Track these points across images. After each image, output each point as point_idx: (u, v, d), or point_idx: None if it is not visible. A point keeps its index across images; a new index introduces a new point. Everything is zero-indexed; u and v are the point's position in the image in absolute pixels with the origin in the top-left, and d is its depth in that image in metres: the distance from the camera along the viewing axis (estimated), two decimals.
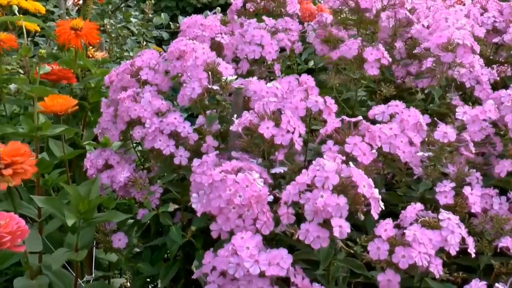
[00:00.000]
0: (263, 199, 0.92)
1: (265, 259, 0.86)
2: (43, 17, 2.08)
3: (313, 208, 0.85)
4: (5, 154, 1.10)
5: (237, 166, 0.97)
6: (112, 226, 1.21)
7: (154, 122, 1.10)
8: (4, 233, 0.86)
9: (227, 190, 0.90)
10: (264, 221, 0.91)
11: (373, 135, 0.99)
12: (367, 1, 1.27)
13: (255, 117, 1.01)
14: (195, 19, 1.37)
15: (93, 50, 1.68)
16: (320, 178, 0.86)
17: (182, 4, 4.47)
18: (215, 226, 0.93)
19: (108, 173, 1.19)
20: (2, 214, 0.90)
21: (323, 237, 0.85)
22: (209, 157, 1.03)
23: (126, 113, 1.14)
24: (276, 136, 0.98)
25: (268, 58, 1.26)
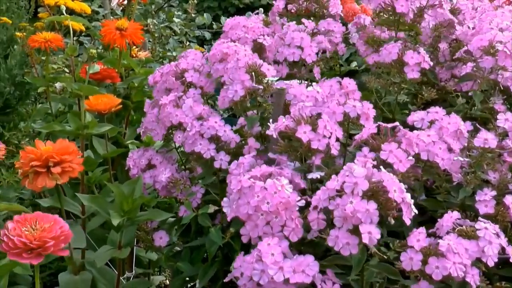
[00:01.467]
0: (292, 206, 0.91)
1: (290, 266, 0.85)
2: (88, 17, 2.11)
3: (342, 214, 0.84)
4: (55, 152, 1.12)
5: (267, 171, 0.96)
6: (153, 225, 1.22)
7: (194, 126, 1.11)
8: (48, 238, 0.85)
9: (255, 197, 0.90)
10: (292, 228, 0.91)
11: (410, 141, 0.97)
12: (403, 5, 1.25)
13: (291, 121, 1.00)
14: (238, 21, 1.37)
15: (137, 50, 1.71)
16: (349, 183, 0.84)
17: (224, 4, 4.49)
18: (244, 231, 0.93)
19: (150, 172, 1.20)
20: (47, 216, 0.89)
21: (352, 243, 0.84)
22: (246, 159, 1.03)
23: (167, 118, 1.15)
24: (313, 141, 0.97)
25: (308, 60, 1.26)
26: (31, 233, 0.85)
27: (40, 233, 0.85)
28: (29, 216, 0.88)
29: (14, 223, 0.86)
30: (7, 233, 0.85)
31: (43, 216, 0.89)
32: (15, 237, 0.84)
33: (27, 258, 0.84)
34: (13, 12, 2.02)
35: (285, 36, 1.27)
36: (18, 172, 1.18)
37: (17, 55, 1.82)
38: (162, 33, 2.20)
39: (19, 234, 0.85)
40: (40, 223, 0.87)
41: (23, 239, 0.84)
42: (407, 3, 1.25)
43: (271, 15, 1.46)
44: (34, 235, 0.85)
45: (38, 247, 0.85)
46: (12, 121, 1.86)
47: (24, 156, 1.14)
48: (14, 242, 0.84)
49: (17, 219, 0.87)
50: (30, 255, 0.85)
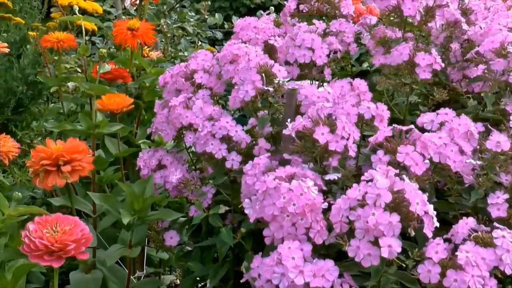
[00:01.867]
0: (317, 208, 0.90)
1: (310, 271, 0.85)
2: (100, 17, 2.12)
3: (364, 226, 0.83)
4: (65, 151, 1.13)
5: (291, 172, 0.96)
6: (164, 224, 1.22)
7: (206, 126, 1.11)
8: (70, 241, 0.85)
9: (281, 198, 0.89)
10: (317, 230, 0.90)
11: (425, 144, 0.96)
12: (411, 8, 1.24)
13: (308, 121, 1.00)
14: (249, 22, 1.37)
15: (148, 50, 1.71)
16: (372, 195, 0.83)
17: (235, 4, 4.50)
18: (268, 232, 0.92)
19: (161, 173, 1.20)
20: (67, 218, 0.89)
21: (374, 254, 0.83)
22: (261, 160, 1.03)
23: (177, 120, 1.15)
24: (331, 142, 0.96)
25: (318, 62, 1.25)
26: (52, 235, 0.85)
27: (61, 236, 0.85)
28: (50, 218, 0.87)
29: (35, 224, 0.86)
30: (28, 235, 0.85)
31: (63, 218, 0.88)
32: (36, 239, 0.84)
33: (48, 260, 0.84)
34: (26, 12, 2.03)
35: (296, 37, 1.27)
36: (30, 171, 1.19)
37: (30, 55, 1.84)
38: (174, 33, 2.21)
39: (40, 236, 0.84)
40: (60, 225, 0.87)
41: (44, 242, 0.84)
42: (414, 5, 1.24)
43: (283, 15, 1.46)
44: (55, 237, 0.85)
45: (59, 250, 0.84)
46: (24, 120, 1.88)
47: (34, 155, 1.15)
48: (36, 244, 0.84)
49: (38, 220, 0.87)
50: (51, 257, 0.84)
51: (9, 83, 1.79)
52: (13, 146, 1.22)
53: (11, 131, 1.81)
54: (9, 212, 0.90)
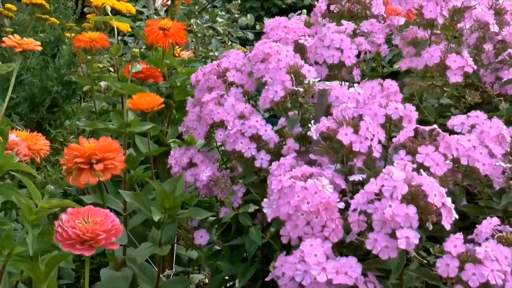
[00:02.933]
0: (332, 206, 0.91)
1: (333, 268, 0.85)
2: (133, 17, 2.14)
3: (381, 218, 0.83)
4: (98, 150, 1.14)
5: (308, 172, 0.96)
6: (194, 223, 1.23)
7: (236, 125, 1.11)
8: (100, 231, 0.87)
9: (295, 197, 0.90)
10: (332, 228, 0.90)
11: (449, 144, 0.96)
12: (432, 11, 1.23)
13: (333, 122, 1.00)
14: (279, 21, 1.37)
15: (180, 50, 1.73)
16: (388, 187, 0.83)
17: (267, 4, 4.50)
18: (284, 231, 0.93)
19: (192, 171, 1.21)
20: (99, 210, 0.91)
21: (391, 247, 0.83)
22: (287, 160, 1.03)
23: (209, 116, 1.15)
24: (355, 143, 0.96)
25: (347, 62, 1.24)
26: (84, 225, 0.88)
27: (92, 226, 0.88)
28: (82, 210, 0.90)
29: (68, 215, 0.89)
30: (61, 225, 0.88)
31: (95, 210, 0.91)
32: (69, 229, 0.87)
33: (79, 249, 0.87)
34: (61, 12, 2.07)
35: (325, 37, 1.26)
36: (63, 168, 1.21)
37: (65, 55, 1.86)
38: (205, 33, 2.22)
39: (72, 226, 0.87)
40: (92, 217, 0.90)
41: (76, 231, 0.87)
42: (435, 9, 1.22)
43: (313, 15, 1.45)
44: (87, 227, 0.88)
45: (91, 239, 0.87)
46: (58, 119, 1.91)
47: (68, 153, 1.17)
48: (68, 233, 0.87)
49: (71, 211, 0.90)
50: (83, 246, 0.87)
51: (44, 83, 1.82)
52: (44, 144, 1.24)
53: (45, 130, 1.84)
54: (42, 204, 0.92)
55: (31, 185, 0.92)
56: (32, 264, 0.94)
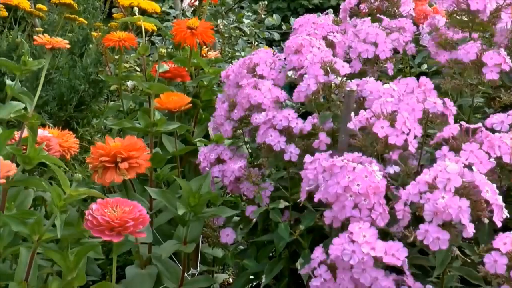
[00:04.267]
0: (381, 191, 0.92)
1: (382, 247, 0.86)
2: (160, 17, 2.16)
3: (433, 209, 0.83)
4: (123, 149, 1.15)
5: (358, 159, 0.97)
6: (219, 222, 1.23)
7: (268, 114, 1.12)
8: (129, 218, 0.91)
9: (346, 177, 0.91)
10: (380, 212, 0.91)
11: (492, 143, 0.95)
12: (479, 2, 1.21)
13: (371, 116, 1.00)
14: (308, 18, 1.38)
15: (207, 50, 1.73)
16: (442, 179, 0.84)
17: (293, 5, 4.50)
18: (329, 213, 0.94)
19: (220, 167, 1.22)
20: (126, 201, 0.95)
21: (442, 239, 0.83)
22: (322, 155, 1.03)
23: (246, 100, 1.17)
24: (390, 136, 0.96)
25: (381, 56, 1.24)
26: (113, 214, 0.92)
27: (121, 214, 0.92)
28: (111, 200, 0.95)
29: (98, 205, 0.94)
30: (91, 213, 0.92)
31: (123, 201, 0.96)
32: (99, 216, 0.91)
33: (108, 235, 0.91)
34: (89, 12, 2.09)
35: (360, 32, 1.26)
36: (89, 167, 1.22)
37: (92, 54, 1.88)
38: (232, 34, 2.22)
39: (102, 214, 0.92)
40: (120, 207, 0.94)
41: (106, 218, 0.91)
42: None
43: (342, 12, 1.45)
44: (116, 215, 0.92)
45: (119, 226, 0.91)
46: (85, 117, 1.92)
47: (94, 152, 1.18)
48: (98, 220, 0.91)
49: (100, 202, 0.94)
50: (112, 233, 0.92)
51: (72, 82, 1.84)
52: (74, 142, 1.26)
53: (73, 128, 1.86)
54: (70, 191, 0.95)
55: (61, 173, 0.95)
56: (62, 253, 0.97)
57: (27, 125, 1.04)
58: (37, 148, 0.99)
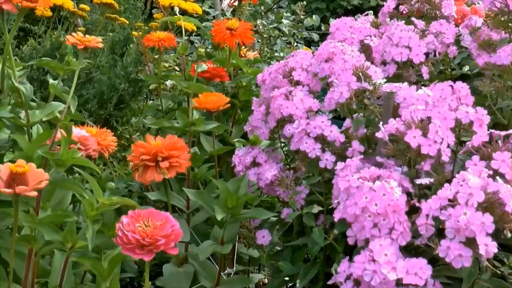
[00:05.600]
0: (400, 209, 0.89)
1: (403, 267, 0.84)
2: (199, 17, 2.17)
3: (454, 226, 0.81)
4: (164, 148, 1.16)
5: (375, 173, 0.95)
6: (255, 223, 1.24)
7: (301, 124, 1.11)
8: (160, 236, 0.87)
9: (363, 198, 0.89)
10: (400, 232, 0.89)
11: None
12: None
13: (401, 124, 0.98)
14: (344, 22, 1.36)
15: (246, 50, 1.73)
16: (463, 194, 0.81)
17: (332, 5, 4.48)
18: (351, 232, 0.92)
19: (255, 170, 1.21)
20: (159, 213, 0.91)
21: (465, 256, 0.80)
22: (353, 161, 1.02)
23: (278, 111, 1.15)
24: (423, 146, 0.94)
25: (415, 60, 1.22)
26: (144, 230, 0.87)
27: (152, 231, 0.87)
28: (143, 212, 0.90)
29: (129, 218, 0.89)
30: (122, 228, 0.88)
31: (155, 213, 0.90)
32: (129, 233, 0.86)
33: (139, 254, 0.86)
34: (130, 12, 2.12)
35: (393, 35, 1.24)
36: (128, 165, 1.24)
37: (133, 53, 1.91)
38: (271, 34, 2.22)
39: (133, 230, 0.87)
40: (152, 220, 0.89)
41: (136, 236, 0.86)
42: None
43: (381, 15, 1.43)
44: (147, 232, 0.87)
45: (150, 245, 0.86)
46: (125, 116, 1.95)
47: (135, 150, 1.19)
48: (128, 238, 0.86)
49: (132, 214, 0.89)
50: (142, 251, 0.86)
51: (112, 80, 1.86)
52: (113, 140, 1.27)
53: (112, 126, 1.89)
54: (103, 200, 0.94)
55: (93, 182, 0.94)
56: (95, 261, 0.96)
57: (60, 126, 1.03)
58: (70, 150, 0.98)
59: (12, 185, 0.85)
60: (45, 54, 1.88)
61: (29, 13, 2.07)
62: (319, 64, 1.21)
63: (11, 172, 0.85)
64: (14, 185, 0.84)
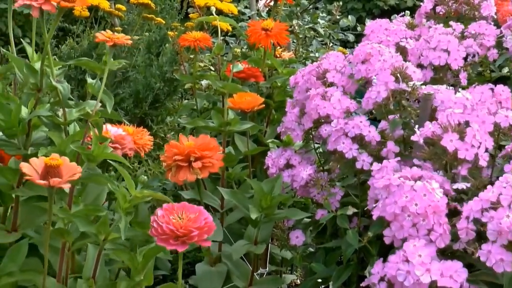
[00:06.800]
0: (441, 211, 0.88)
1: (437, 269, 0.83)
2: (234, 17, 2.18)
3: (497, 228, 0.80)
4: (196, 148, 1.17)
5: (417, 174, 0.94)
6: (289, 224, 1.23)
7: (339, 123, 1.10)
8: (193, 227, 0.89)
9: (403, 197, 0.88)
10: (440, 234, 0.88)
11: None
12: None
13: (438, 128, 0.97)
14: (380, 23, 1.34)
15: (281, 50, 1.73)
16: (507, 196, 0.80)
17: (368, 6, 4.44)
18: (388, 232, 0.92)
19: (289, 172, 1.21)
20: (192, 207, 0.93)
21: (507, 260, 0.79)
22: (390, 163, 1.01)
23: (314, 111, 1.14)
24: (460, 150, 0.93)
25: (453, 65, 1.19)
26: (178, 222, 0.90)
27: (186, 222, 0.90)
28: (176, 206, 0.92)
29: (163, 211, 0.91)
30: (156, 220, 0.90)
31: (189, 206, 0.93)
32: (163, 224, 0.89)
33: (173, 244, 0.89)
34: (166, 12, 2.13)
35: (431, 39, 1.22)
36: (163, 165, 1.25)
37: (168, 53, 1.92)
38: (306, 34, 2.22)
39: (167, 221, 0.89)
40: (186, 213, 0.91)
41: (170, 227, 0.89)
42: None
43: (418, 17, 1.41)
44: (181, 223, 0.89)
45: (184, 235, 0.89)
46: (160, 115, 1.97)
47: (168, 150, 1.20)
48: (163, 229, 0.89)
49: (166, 207, 0.92)
50: (176, 242, 0.89)
51: (148, 80, 1.88)
52: (149, 140, 1.28)
53: (147, 125, 1.90)
54: (135, 193, 0.95)
55: (126, 175, 0.95)
56: (130, 254, 0.98)
57: (91, 122, 1.04)
58: (101, 146, 1.00)
59: (47, 177, 0.86)
60: (83, 54, 1.90)
61: (68, 13, 2.11)
62: (355, 65, 1.19)
63: (46, 165, 0.87)
64: (48, 178, 0.86)
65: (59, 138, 1.02)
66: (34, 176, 0.87)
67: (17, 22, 3.44)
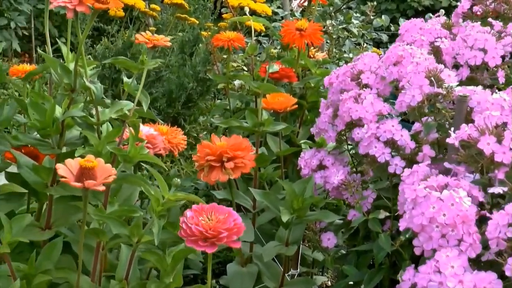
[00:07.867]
0: (470, 220, 0.86)
1: (471, 281, 0.81)
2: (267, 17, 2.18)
3: None
4: (229, 148, 1.17)
5: (443, 181, 0.92)
6: (321, 225, 1.22)
7: (371, 128, 1.09)
8: (222, 229, 0.89)
9: (430, 208, 0.87)
10: (469, 243, 0.86)
11: None
12: None
13: (474, 130, 0.95)
14: (414, 23, 1.32)
15: (314, 51, 1.72)
16: None
17: (402, 6, 4.40)
18: (418, 242, 0.90)
19: (322, 173, 1.20)
20: (222, 208, 0.93)
21: None
22: (420, 167, 0.99)
23: (347, 114, 1.14)
24: (497, 153, 0.91)
25: (490, 64, 1.17)
26: (207, 223, 0.89)
27: (215, 224, 0.89)
28: (206, 207, 0.92)
29: (192, 212, 0.91)
30: (186, 221, 0.91)
31: (218, 208, 0.93)
32: (192, 225, 0.89)
33: (202, 246, 0.89)
34: (200, 13, 2.14)
35: (468, 38, 1.20)
36: (195, 165, 1.25)
37: (202, 53, 1.93)
38: (339, 35, 2.20)
39: (196, 223, 0.89)
40: (215, 214, 0.91)
41: (199, 228, 0.89)
42: None
43: (454, 16, 1.39)
44: (210, 225, 0.89)
45: (213, 237, 0.89)
46: (192, 114, 1.98)
47: (200, 150, 1.20)
48: (192, 230, 0.89)
49: (195, 208, 0.92)
50: (205, 243, 0.89)
51: (181, 79, 1.89)
52: (183, 139, 1.29)
53: (180, 124, 1.92)
54: (169, 196, 0.95)
55: (160, 178, 0.95)
56: (159, 256, 0.98)
57: (128, 123, 1.05)
58: (138, 147, 1.00)
59: (82, 179, 0.87)
60: (117, 53, 1.92)
61: (102, 13, 2.13)
62: (387, 68, 1.18)
63: (81, 167, 0.88)
64: (83, 179, 0.87)
65: (95, 138, 1.03)
66: (69, 178, 0.88)
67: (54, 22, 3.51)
